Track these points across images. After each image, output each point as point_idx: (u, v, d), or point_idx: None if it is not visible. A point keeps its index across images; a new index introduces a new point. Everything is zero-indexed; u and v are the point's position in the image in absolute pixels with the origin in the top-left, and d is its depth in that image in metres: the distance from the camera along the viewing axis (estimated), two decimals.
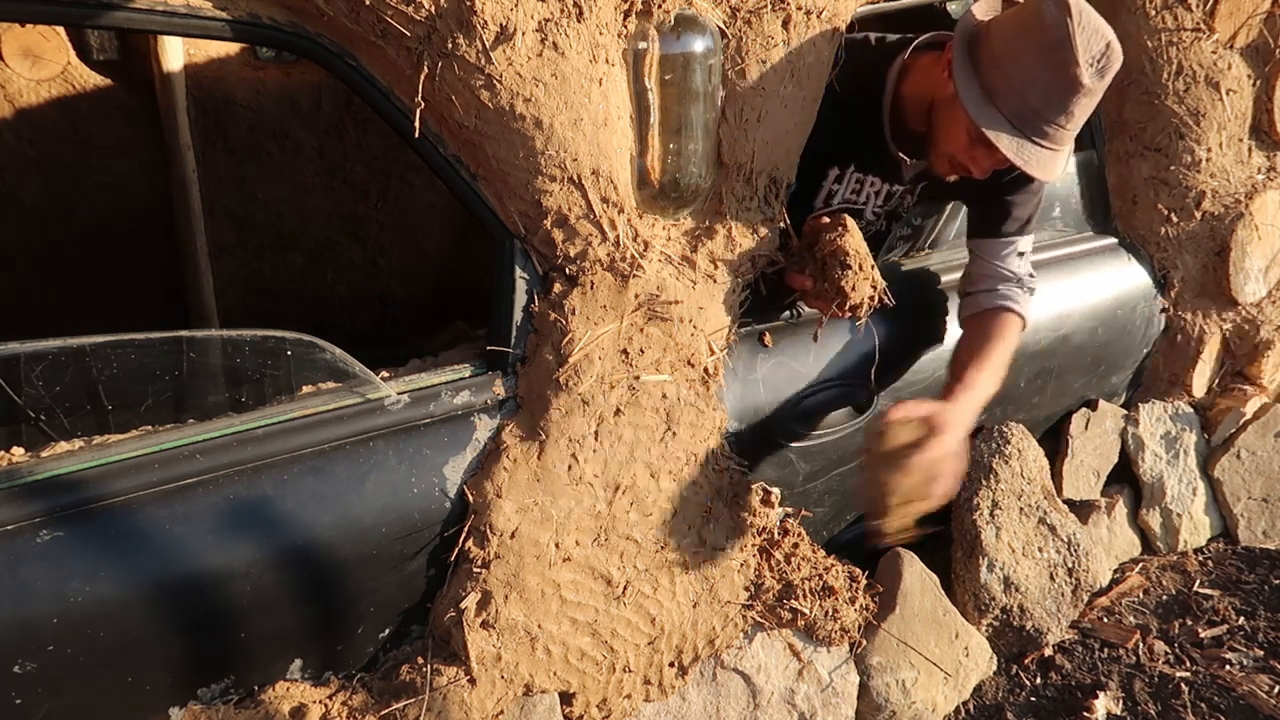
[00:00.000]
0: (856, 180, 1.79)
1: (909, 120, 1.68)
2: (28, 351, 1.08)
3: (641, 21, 1.30)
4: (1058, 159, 1.49)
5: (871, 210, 1.83)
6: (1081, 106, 1.43)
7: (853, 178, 1.78)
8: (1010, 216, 1.76)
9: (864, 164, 1.77)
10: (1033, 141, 1.44)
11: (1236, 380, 2.54)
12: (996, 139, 1.43)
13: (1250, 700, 1.89)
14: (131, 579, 1.10)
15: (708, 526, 1.56)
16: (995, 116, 1.44)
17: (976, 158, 1.55)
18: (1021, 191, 1.74)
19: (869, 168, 1.77)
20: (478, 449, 1.35)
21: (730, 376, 1.57)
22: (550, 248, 1.35)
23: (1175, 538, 2.35)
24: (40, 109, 2.43)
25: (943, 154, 1.61)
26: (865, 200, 1.82)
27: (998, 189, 1.74)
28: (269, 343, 1.23)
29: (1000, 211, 1.76)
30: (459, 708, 1.36)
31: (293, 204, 2.84)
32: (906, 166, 1.76)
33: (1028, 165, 1.45)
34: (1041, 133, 1.44)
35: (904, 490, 1.43)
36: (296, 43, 1.17)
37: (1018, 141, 1.44)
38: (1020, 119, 1.43)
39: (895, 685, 1.77)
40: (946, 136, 1.57)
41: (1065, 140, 1.48)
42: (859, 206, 1.83)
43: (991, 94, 1.45)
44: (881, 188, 1.80)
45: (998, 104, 1.44)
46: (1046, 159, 1.47)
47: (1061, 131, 1.45)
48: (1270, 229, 2.38)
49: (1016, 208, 1.75)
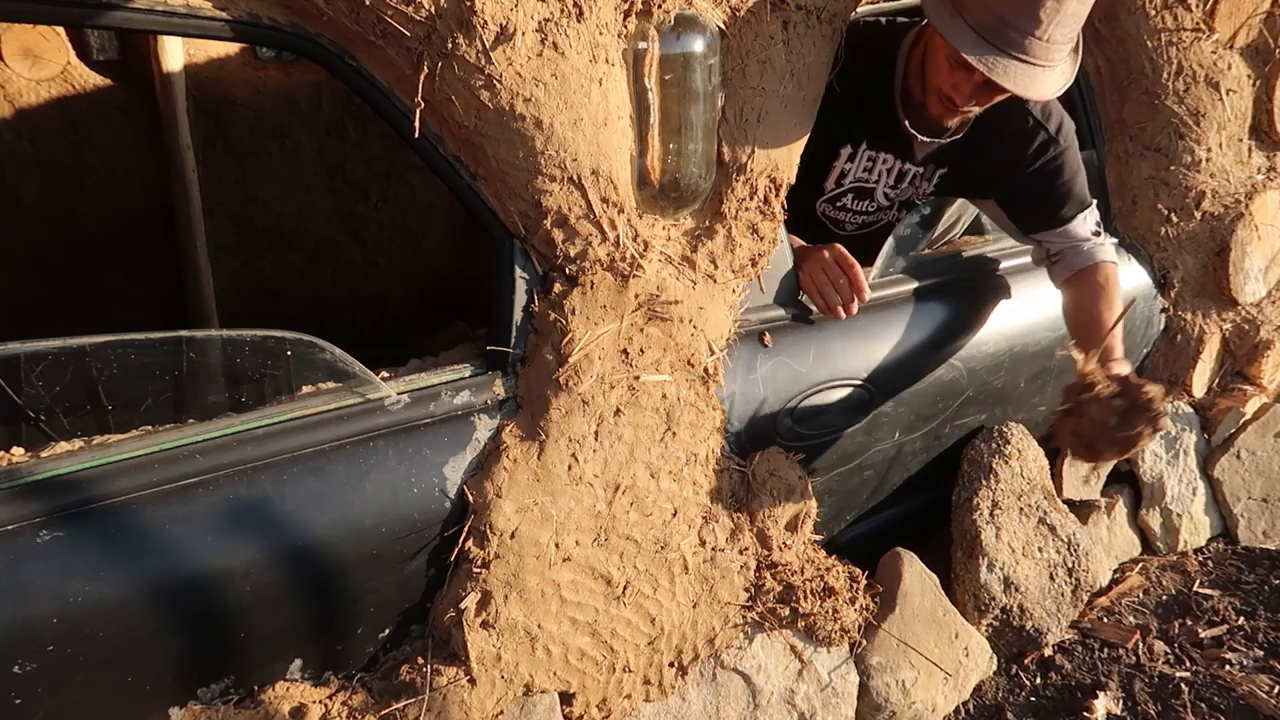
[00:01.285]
0: (869, 158, 1.78)
1: (914, 88, 1.68)
2: (28, 351, 1.08)
3: (641, 21, 1.30)
4: (1037, 74, 1.44)
5: (883, 191, 1.81)
6: (1048, 11, 1.38)
7: (865, 155, 1.77)
8: (1062, 199, 1.75)
9: (876, 140, 1.75)
10: (1003, 52, 1.41)
11: (1236, 380, 2.54)
12: (962, 49, 1.41)
13: (1250, 700, 1.89)
14: (131, 579, 1.10)
15: (708, 526, 1.56)
16: (963, 29, 1.42)
17: (957, 83, 1.53)
18: (1061, 173, 1.73)
19: (881, 144, 1.76)
20: (478, 449, 1.35)
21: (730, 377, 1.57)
22: (550, 248, 1.35)
23: (1175, 538, 2.36)
24: (40, 109, 2.43)
25: (932, 90, 1.60)
26: (877, 179, 1.80)
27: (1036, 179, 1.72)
28: (269, 343, 1.23)
29: (1054, 201, 1.75)
30: (459, 708, 1.36)
31: (293, 204, 2.83)
32: (918, 144, 1.75)
33: (993, 74, 1.41)
34: (1012, 42, 1.41)
35: (1114, 439, 1.51)
36: (296, 43, 1.16)
37: (983, 53, 1.41)
38: (988, 30, 1.41)
39: (895, 685, 1.77)
40: (932, 70, 1.57)
41: (1043, 55, 1.43)
42: (870, 185, 1.81)
43: (959, 8, 1.44)
44: (894, 165, 1.79)
45: (965, 16, 1.43)
46: (1019, 72, 1.42)
47: (1035, 42, 1.41)
48: (1270, 229, 2.38)
49: (1063, 189, 1.74)
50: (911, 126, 1.73)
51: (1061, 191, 1.74)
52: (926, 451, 1.98)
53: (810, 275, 1.67)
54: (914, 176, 1.81)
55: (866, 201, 1.84)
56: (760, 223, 1.53)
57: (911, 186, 1.83)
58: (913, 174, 1.80)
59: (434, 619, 1.39)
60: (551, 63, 1.21)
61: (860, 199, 1.84)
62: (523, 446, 1.36)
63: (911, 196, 1.86)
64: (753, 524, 1.62)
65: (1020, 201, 1.78)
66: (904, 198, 1.85)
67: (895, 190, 1.82)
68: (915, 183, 1.82)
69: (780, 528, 1.64)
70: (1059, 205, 1.76)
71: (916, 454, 1.96)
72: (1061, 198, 1.75)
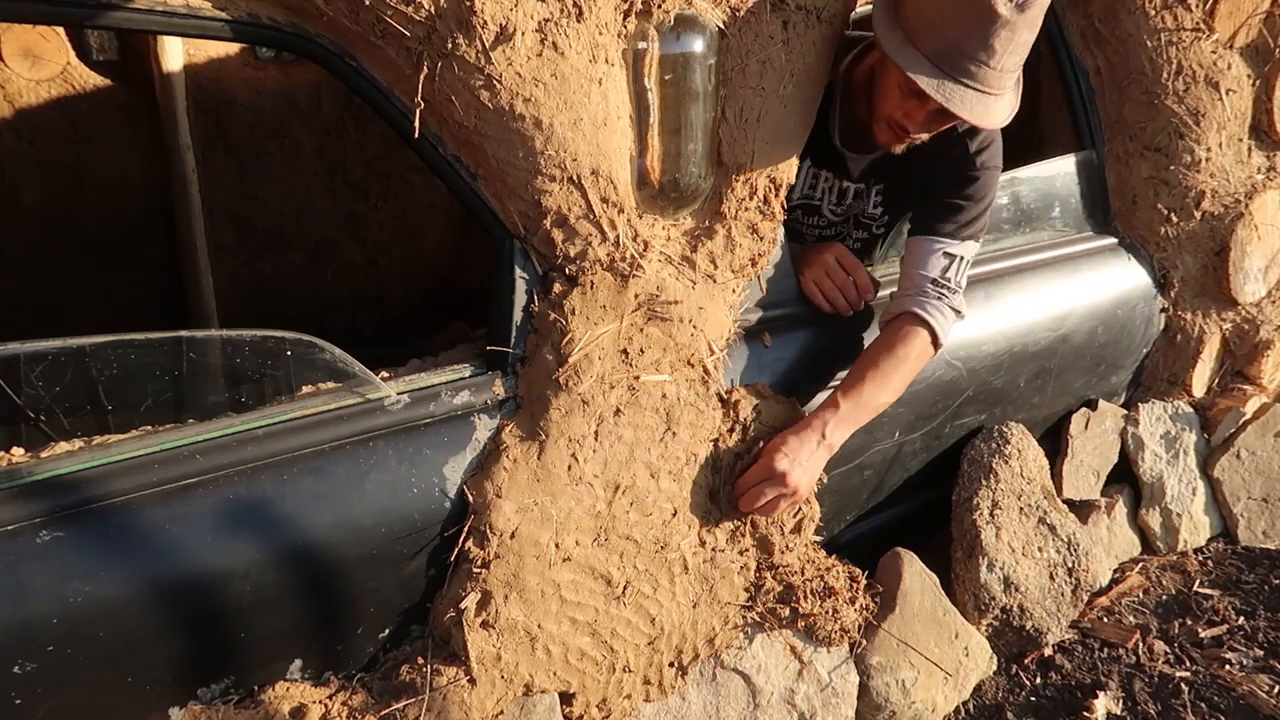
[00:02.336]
0: (812, 175, 1.77)
1: (856, 107, 1.66)
2: (28, 351, 1.08)
3: (641, 21, 1.30)
4: (989, 103, 1.43)
5: (828, 208, 1.81)
6: (1002, 40, 1.37)
7: (809, 172, 1.76)
8: (945, 210, 1.66)
9: (817, 158, 1.74)
10: (956, 80, 1.40)
11: (1236, 380, 2.54)
12: (917, 78, 1.39)
13: (1250, 700, 1.89)
14: (131, 579, 1.10)
15: (707, 526, 1.56)
16: (916, 57, 1.40)
17: (909, 111, 1.51)
18: (968, 188, 1.66)
19: (819, 161, 1.75)
20: (478, 449, 1.35)
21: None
22: (550, 248, 1.35)
23: (1175, 538, 2.36)
24: (40, 109, 2.43)
25: (881, 118, 1.57)
26: (820, 196, 1.79)
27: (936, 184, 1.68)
28: (269, 343, 1.23)
29: (935, 209, 1.67)
30: (459, 708, 1.36)
31: (293, 204, 2.84)
32: (851, 161, 1.74)
33: (949, 103, 1.40)
34: (965, 71, 1.39)
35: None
36: (296, 43, 1.16)
37: (938, 81, 1.40)
38: (940, 57, 1.39)
39: (895, 685, 1.77)
40: (882, 97, 1.54)
41: (995, 83, 1.42)
42: (815, 202, 1.81)
43: (912, 36, 1.42)
44: (834, 183, 1.77)
45: (918, 45, 1.41)
46: (973, 100, 1.41)
47: (987, 71, 1.39)
48: (1270, 229, 2.38)
49: (959, 206, 1.66)
50: (844, 145, 1.72)
51: (948, 206, 1.66)
52: (926, 451, 1.98)
53: (814, 280, 1.67)
54: (854, 193, 1.79)
55: (815, 218, 1.83)
56: (760, 223, 1.53)
57: (857, 202, 1.80)
58: (853, 191, 1.78)
59: (434, 619, 1.39)
60: (551, 63, 1.21)
61: (809, 215, 1.83)
62: (523, 446, 1.36)
63: (858, 215, 1.83)
64: (753, 524, 1.62)
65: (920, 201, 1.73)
66: (849, 215, 1.83)
67: (840, 208, 1.81)
68: (859, 198, 1.80)
69: (780, 528, 1.64)
70: (935, 216, 1.67)
71: (916, 454, 1.96)
72: (943, 212, 1.66)
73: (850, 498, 1.89)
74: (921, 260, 1.66)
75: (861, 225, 1.86)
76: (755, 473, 1.54)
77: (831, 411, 1.56)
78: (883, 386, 1.59)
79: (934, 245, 1.65)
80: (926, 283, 1.65)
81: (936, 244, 1.65)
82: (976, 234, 1.68)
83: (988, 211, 1.70)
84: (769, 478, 1.52)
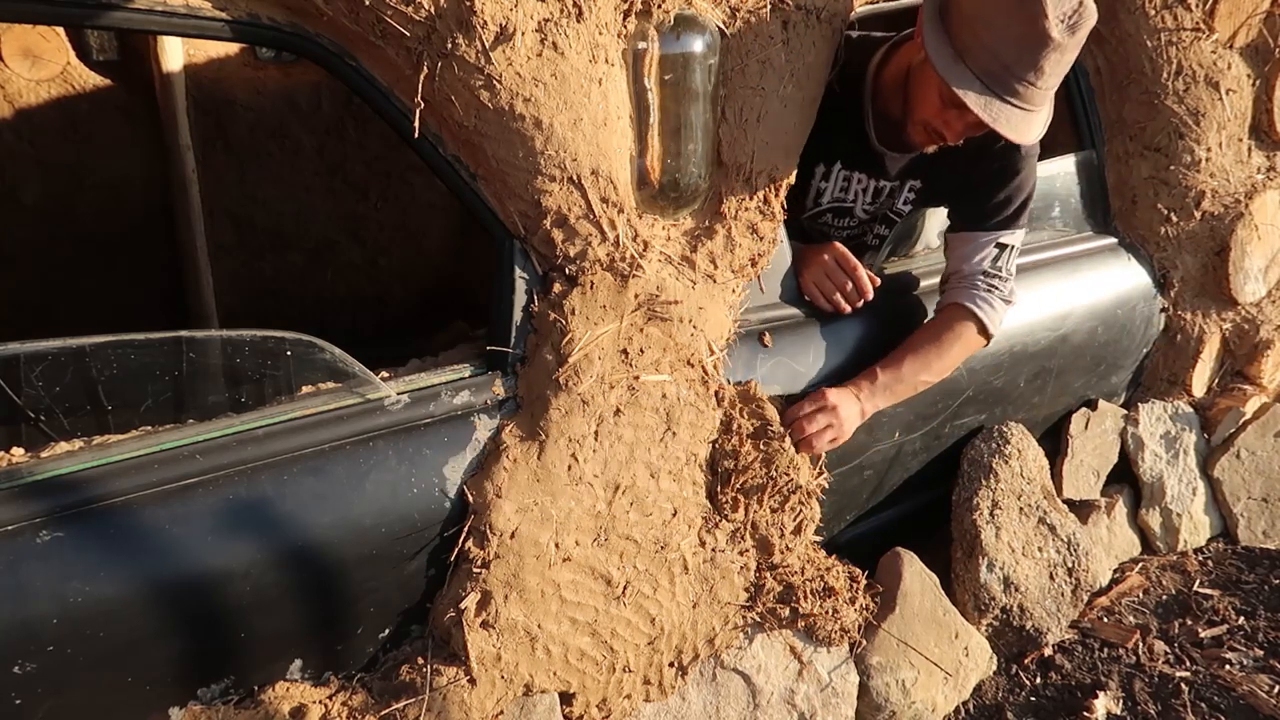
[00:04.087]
0: (844, 178, 1.77)
1: (889, 107, 1.66)
2: (28, 351, 1.08)
3: (641, 21, 1.30)
4: (1031, 120, 1.45)
5: (861, 208, 1.82)
6: (1052, 62, 1.39)
7: (840, 175, 1.77)
8: (991, 207, 1.70)
9: (849, 160, 1.75)
10: (1003, 99, 1.41)
11: (1236, 380, 2.54)
12: (965, 96, 1.40)
13: (1250, 700, 1.89)
14: (131, 579, 1.10)
15: (708, 526, 1.56)
16: (965, 74, 1.41)
17: (949, 120, 1.52)
18: (1014, 179, 1.69)
19: (854, 164, 1.75)
20: (477, 449, 1.35)
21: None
22: (550, 248, 1.35)
23: (1175, 537, 2.36)
24: (40, 109, 2.43)
25: (917, 121, 1.58)
26: (854, 198, 1.80)
27: (981, 178, 1.70)
28: (269, 343, 1.23)
29: (981, 202, 1.71)
30: (459, 708, 1.36)
31: (293, 204, 2.84)
32: (890, 160, 1.75)
33: (996, 123, 1.41)
34: (1012, 90, 1.41)
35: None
36: (296, 43, 1.16)
37: (986, 99, 1.41)
38: (990, 76, 1.40)
39: (895, 685, 1.77)
40: (920, 101, 1.55)
41: (1038, 101, 1.44)
42: (848, 204, 1.81)
43: (962, 53, 1.42)
44: (869, 184, 1.78)
45: (967, 62, 1.41)
46: (1018, 119, 1.43)
47: (1033, 90, 1.41)
48: (1270, 229, 2.38)
49: (999, 197, 1.69)
50: (881, 144, 1.73)
51: (998, 198, 1.70)
52: (926, 451, 1.98)
53: (814, 280, 1.68)
54: (889, 191, 1.80)
55: (847, 219, 1.84)
56: (760, 223, 1.53)
57: (890, 199, 1.82)
58: (888, 189, 1.79)
59: (434, 619, 1.39)
60: (551, 63, 1.21)
61: (840, 217, 1.84)
62: (523, 446, 1.36)
63: (888, 211, 1.85)
64: (753, 525, 1.61)
65: (962, 195, 1.74)
66: (881, 212, 1.84)
67: (873, 206, 1.82)
68: (892, 195, 1.81)
69: (780, 528, 1.64)
70: (986, 208, 1.70)
71: (916, 454, 1.96)
72: (994, 204, 1.70)
73: (850, 498, 1.89)
74: (972, 253, 1.71)
75: (887, 221, 1.87)
76: (807, 404, 1.59)
77: (869, 380, 1.63)
78: (924, 366, 1.66)
79: (984, 238, 1.71)
80: (978, 275, 1.70)
81: (986, 236, 1.71)
82: (1024, 221, 1.73)
83: (1033, 197, 1.74)
84: (821, 407, 1.57)
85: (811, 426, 1.57)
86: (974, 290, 1.70)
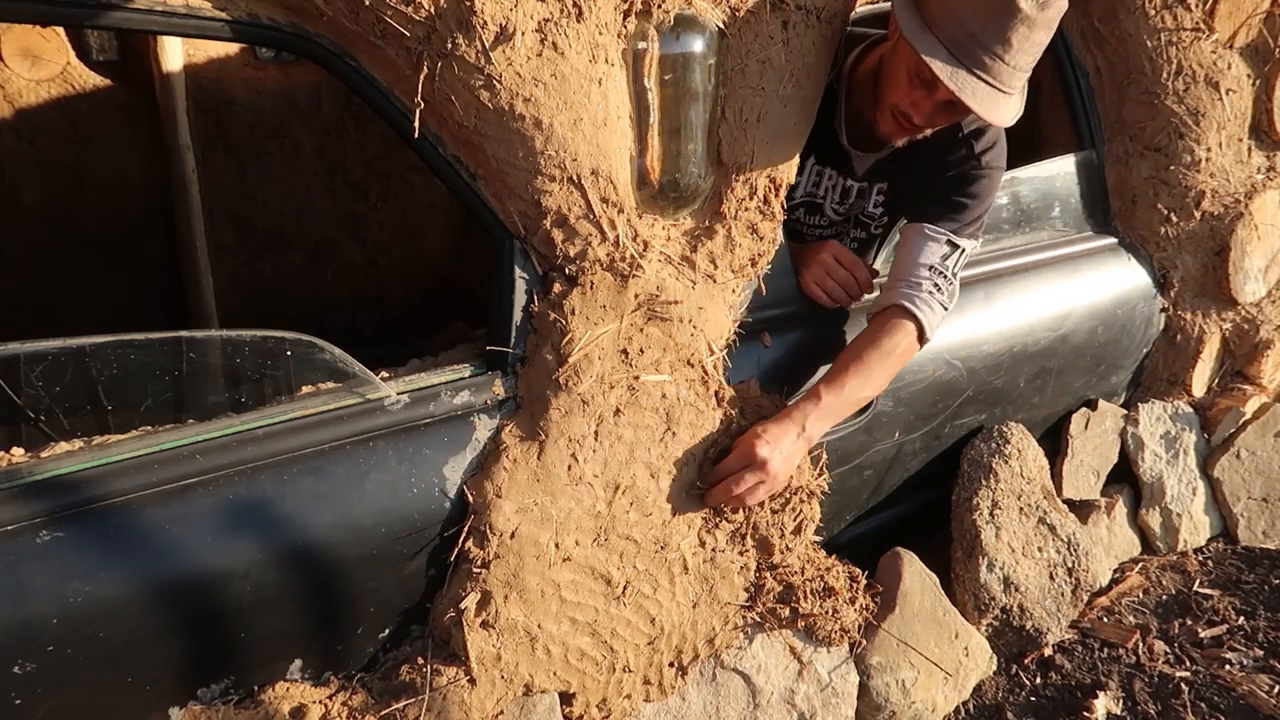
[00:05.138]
0: (816, 172, 1.77)
1: (861, 104, 1.66)
2: (28, 351, 1.08)
3: (641, 21, 1.30)
4: (999, 100, 1.43)
5: (830, 206, 1.81)
6: (1019, 35, 1.38)
7: (812, 169, 1.76)
8: (947, 206, 1.66)
9: (821, 155, 1.74)
10: (970, 71, 1.40)
11: (1236, 380, 2.54)
12: (932, 63, 1.39)
13: (1250, 700, 1.89)
14: (131, 579, 1.10)
15: (707, 526, 1.56)
16: (932, 42, 1.41)
17: (916, 100, 1.50)
18: (971, 186, 1.66)
19: (825, 159, 1.75)
20: (477, 449, 1.35)
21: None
22: (550, 248, 1.35)
23: (1175, 537, 2.36)
24: (40, 109, 2.43)
25: (886, 107, 1.56)
26: (824, 194, 1.80)
27: (940, 180, 1.67)
28: (269, 343, 1.23)
29: (940, 200, 1.67)
30: (459, 708, 1.36)
31: (293, 204, 2.84)
32: (857, 159, 1.75)
33: (962, 93, 1.40)
34: (980, 62, 1.39)
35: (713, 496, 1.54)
36: (296, 43, 1.16)
37: (952, 69, 1.39)
38: (957, 45, 1.39)
39: (895, 685, 1.77)
40: (889, 84, 1.54)
41: (1008, 81, 1.42)
42: (819, 200, 1.81)
43: (930, 23, 1.42)
44: (838, 181, 1.78)
45: (935, 32, 1.41)
46: (984, 94, 1.41)
47: (1001, 65, 1.40)
48: (1270, 229, 2.38)
49: (961, 204, 1.65)
50: (850, 143, 1.72)
51: (956, 200, 1.66)
52: (926, 451, 1.98)
53: (814, 279, 1.67)
54: (857, 192, 1.79)
55: (817, 216, 1.84)
56: (760, 223, 1.53)
57: (859, 201, 1.81)
58: (856, 189, 1.79)
59: (434, 619, 1.39)
60: (551, 63, 1.21)
61: (811, 214, 1.84)
62: (522, 446, 1.36)
63: (858, 214, 1.84)
64: (753, 525, 1.61)
65: (922, 195, 1.71)
66: (851, 214, 1.84)
67: (842, 206, 1.81)
68: (861, 197, 1.80)
69: (780, 528, 1.64)
70: (943, 206, 1.66)
71: (916, 454, 1.96)
72: (951, 204, 1.66)
73: (850, 498, 1.89)
74: (920, 247, 1.64)
75: (861, 224, 1.86)
76: (733, 460, 1.51)
77: (813, 403, 1.55)
78: (866, 380, 1.58)
79: (936, 233, 1.64)
80: (924, 270, 1.63)
81: (939, 233, 1.64)
82: (976, 232, 1.69)
83: (987, 212, 1.70)
84: (749, 464, 1.49)
85: (739, 488, 1.49)
86: (916, 292, 1.62)
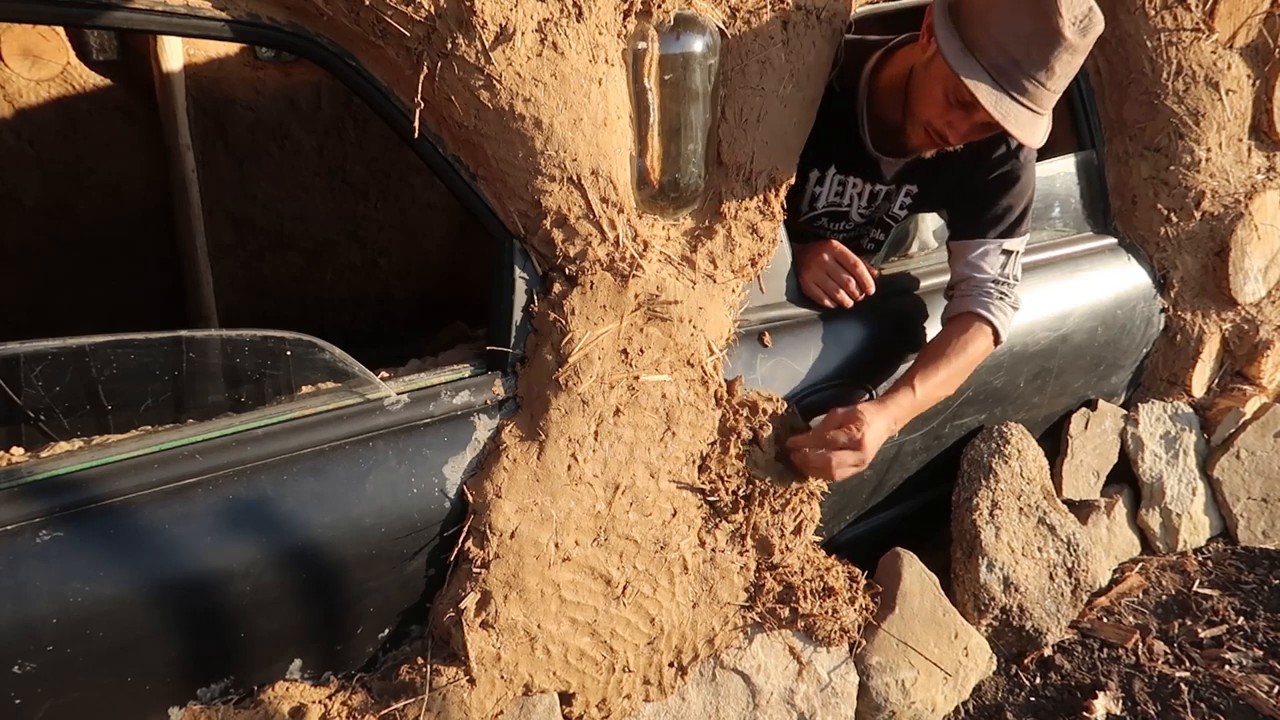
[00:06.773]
0: (839, 182, 1.77)
1: (886, 111, 1.66)
2: (28, 351, 1.08)
3: (641, 21, 1.30)
4: (1038, 122, 1.44)
5: (857, 212, 1.82)
6: (1062, 62, 1.39)
7: (834, 180, 1.76)
8: (995, 215, 1.70)
9: (844, 164, 1.74)
10: (1012, 97, 1.40)
11: (1236, 380, 2.54)
12: (976, 89, 1.38)
13: (1250, 700, 1.89)
14: (131, 579, 1.10)
15: (707, 527, 1.56)
16: (975, 67, 1.40)
17: (953, 121, 1.50)
18: (1015, 185, 1.69)
19: (849, 168, 1.75)
20: (477, 449, 1.35)
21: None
22: (550, 248, 1.35)
23: (1175, 538, 2.36)
24: (40, 109, 2.43)
25: (919, 122, 1.56)
26: (849, 202, 1.80)
27: (983, 185, 1.69)
28: (269, 343, 1.23)
29: (984, 210, 1.70)
30: (459, 708, 1.36)
31: (293, 204, 2.84)
32: (886, 165, 1.75)
33: (1005, 120, 1.40)
34: (1021, 88, 1.40)
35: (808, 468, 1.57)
36: (296, 43, 1.17)
37: (996, 95, 1.39)
38: (999, 71, 1.39)
39: (895, 685, 1.77)
40: (923, 100, 1.53)
41: (1045, 102, 1.43)
42: (844, 209, 1.81)
43: (972, 47, 1.41)
44: (864, 188, 1.78)
45: (977, 56, 1.40)
46: (1026, 119, 1.42)
47: (1042, 90, 1.41)
48: (1270, 229, 2.38)
49: (1002, 205, 1.69)
50: (877, 149, 1.72)
51: (1000, 207, 1.69)
52: (926, 451, 1.98)
53: (815, 279, 1.68)
54: (885, 195, 1.79)
55: (842, 223, 1.84)
56: (760, 223, 1.53)
57: (886, 203, 1.81)
58: (884, 193, 1.79)
59: (434, 619, 1.39)
60: (551, 63, 1.21)
61: (835, 221, 1.84)
62: (522, 446, 1.36)
63: (884, 215, 1.84)
64: (753, 525, 1.61)
65: (960, 203, 1.74)
66: (878, 216, 1.84)
67: (868, 209, 1.82)
68: (888, 199, 1.80)
69: (780, 528, 1.64)
70: (987, 218, 1.70)
71: (916, 454, 1.96)
72: (996, 213, 1.70)
73: (850, 498, 1.89)
74: (979, 260, 1.71)
75: (883, 225, 1.87)
76: (839, 435, 1.50)
77: (908, 396, 1.60)
78: (948, 383, 1.65)
79: (990, 245, 1.70)
80: (988, 283, 1.70)
81: (992, 244, 1.70)
82: (1027, 227, 1.74)
83: (1033, 201, 1.74)
84: (853, 446, 1.50)
85: (838, 467, 1.50)
86: (987, 298, 1.69)
